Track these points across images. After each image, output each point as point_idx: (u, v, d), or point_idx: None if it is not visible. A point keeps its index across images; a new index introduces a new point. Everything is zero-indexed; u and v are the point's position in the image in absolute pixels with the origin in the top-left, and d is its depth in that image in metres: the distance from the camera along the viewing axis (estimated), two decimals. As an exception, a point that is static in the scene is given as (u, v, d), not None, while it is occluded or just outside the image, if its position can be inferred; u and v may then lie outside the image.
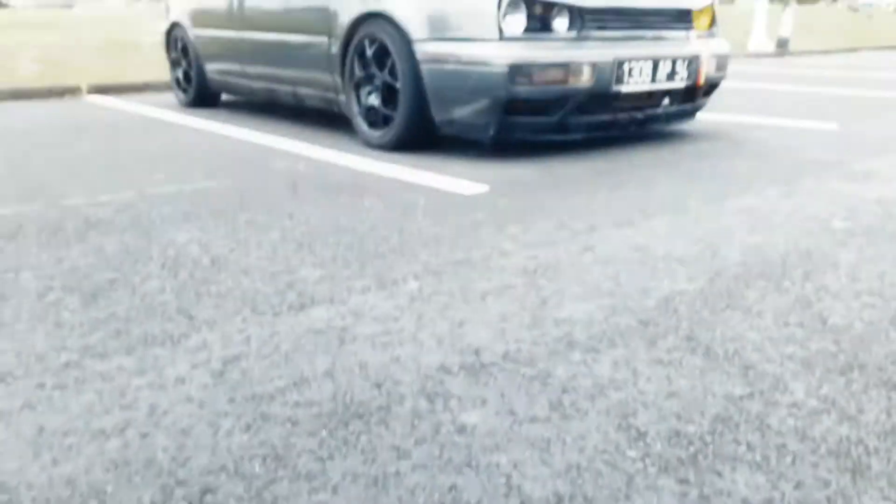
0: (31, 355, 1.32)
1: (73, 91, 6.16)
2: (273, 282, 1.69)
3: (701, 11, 3.54)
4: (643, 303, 1.55)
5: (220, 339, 1.38)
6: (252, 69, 4.33)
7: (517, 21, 2.89)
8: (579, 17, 3.03)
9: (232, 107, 5.07)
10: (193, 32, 4.87)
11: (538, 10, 2.94)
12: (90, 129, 4.16)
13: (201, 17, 4.79)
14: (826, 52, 14.87)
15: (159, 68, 6.95)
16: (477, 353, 1.32)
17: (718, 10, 3.71)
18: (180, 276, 1.74)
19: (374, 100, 3.37)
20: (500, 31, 2.86)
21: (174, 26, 5.14)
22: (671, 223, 2.16)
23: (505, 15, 2.87)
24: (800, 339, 1.38)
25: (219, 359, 1.30)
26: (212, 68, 4.79)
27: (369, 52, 3.30)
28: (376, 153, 3.28)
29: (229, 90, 4.83)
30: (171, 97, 5.44)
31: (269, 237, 2.04)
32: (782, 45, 14.37)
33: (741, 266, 1.78)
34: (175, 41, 5.15)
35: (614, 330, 1.42)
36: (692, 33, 3.46)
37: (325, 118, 4.31)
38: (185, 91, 5.14)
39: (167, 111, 4.88)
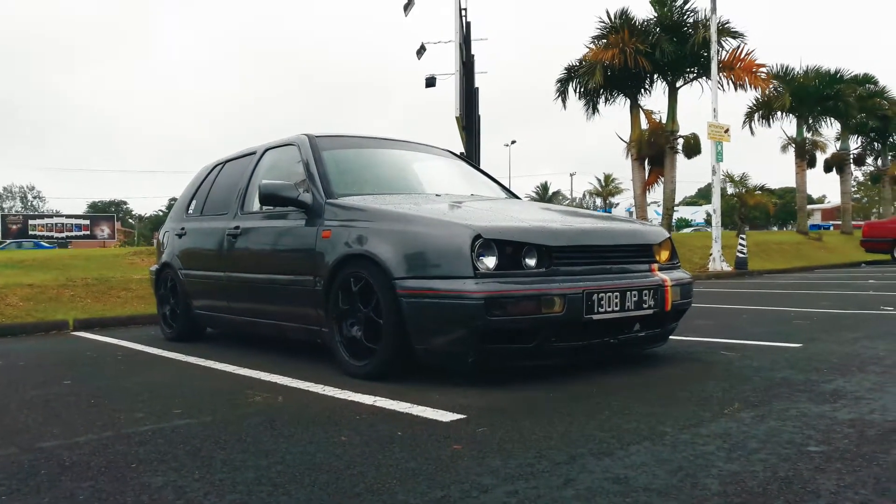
0: None
1: (59, 327, 6.26)
2: (247, 528, 1.63)
3: (660, 245, 3.84)
4: (626, 540, 1.51)
5: None
6: (238, 305, 4.60)
7: (489, 260, 3.13)
8: (547, 255, 3.25)
9: (215, 340, 5.17)
10: (183, 272, 5.26)
11: (508, 249, 3.18)
12: (74, 366, 4.20)
13: (192, 259, 5.21)
14: (783, 272, 15.70)
15: (144, 303, 7.19)
16: None
17: (683, 238, 4.03)
18: (150, 524, 1.68)
19: (356, 332, 3.52)
20: (475, 268, 3.09)
21: (164, 266, 5.57)
22: (649, 451, 2.17)
23: (478, 255, 3.11)
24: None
25: None
26: (199, 304, 5.07)
27: (354, 288, 3.50)
28: (355, 383, 3.32)
29: (215, 325, 5.14)
30: (155, 330, 5.56)
31: (245, 477, 2.01)
32: (741, 266, 15.21)
33: (722, 497, 1.77)
34: (164, 280, 5.57)
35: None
36: (654, 265, 3.72)
37: (304, 350, 4.40)
38: (171, 326, 5.43)
39: (151, 346, 4.96)
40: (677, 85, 20.16)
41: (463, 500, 1.79)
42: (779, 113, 24.46)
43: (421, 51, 17.04)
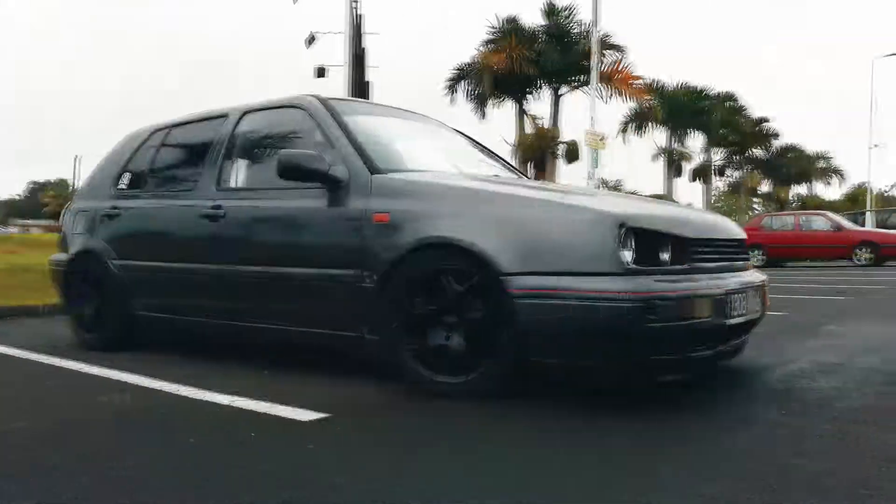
0: None
1: None
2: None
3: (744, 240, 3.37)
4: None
5: None
6: (217, 305, 3.65)
7: (627, 254, 2.55)
8: (685, 249, 2.74)
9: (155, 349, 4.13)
10: (119, 263, 4.10)
11: (647, 241, 2.62)
12: None
13: (136, 247, 4.10)
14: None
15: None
16: None
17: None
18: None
19: (442, 341, 2.79)
20: (621, 262, 2.51)
21: (83, 256, 4.36)
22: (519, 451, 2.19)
23: (622, 246, 2.54)
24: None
25: None
26: (146, 304, 3.98)
27: (440, 286, 2.79)
28: (212, 382, 3.13)
29: (168, 328, 4.04)
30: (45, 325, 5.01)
31: (79, 483, 1.84)
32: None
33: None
34: (83, 273, 4.35)
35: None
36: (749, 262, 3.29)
37: (239, 353, 4.15)
38: (93, 330, 4.24)
39: (49, 356, 3.90)
40: (561, 92, 20.96)
41: (312, 500, 1.74)
42: (651, 124, 26.03)
43: (311, 40, 16.64)
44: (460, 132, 4.51)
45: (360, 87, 13.87)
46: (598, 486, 1.85)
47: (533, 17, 22.88)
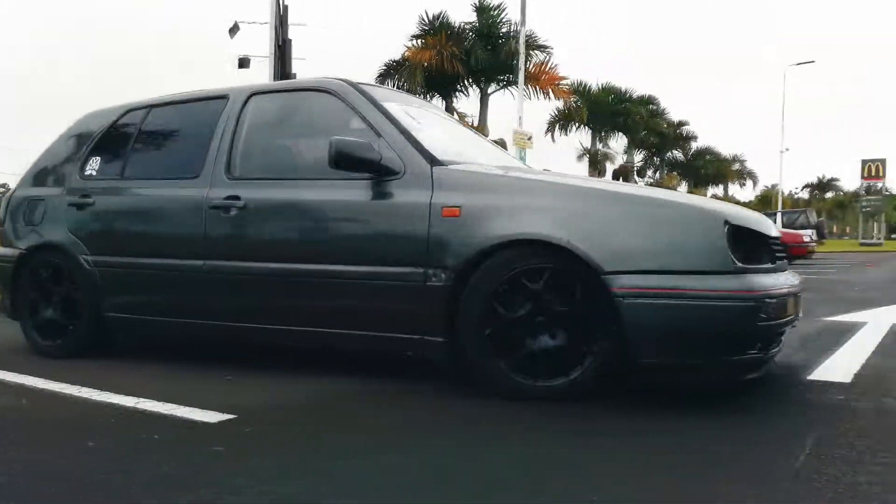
0: None
1: None
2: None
3: None
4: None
5: None
6: (228, 306, 3.29)
7: (737, 252, 2.53)
8: (769, 247, 2.81)
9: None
10: (92, 259, 3.61)
11: (746, 239, 2.63)
12: None
13: (116, 241, 3.63)
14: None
15: None
16: None
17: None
18: None
19: (531, 343, 2.65)
20: (732, 261, 2.49)
21: (42, 251, 3.82)
22: (414, 450, 2.22)
23: (730, 245, 2.51)
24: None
25: None
26: (122, 304, 3.56)
27: (529, 285, 2.64)
28: (115, 382, 3.03)
29: (149, 332, 3.77)
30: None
31: (-42, 494, 1.76)
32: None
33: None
34: (40, 270, 3.80)
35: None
36: None
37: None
38: (50, 337, 3.72)
39: None
40: (489, 91, 21.19)
41: (212, 503, 1.71)
42: (576, 124, 26.70)
43: (234, 29, 16.23)
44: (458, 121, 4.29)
45: (283, 80, 13.64)
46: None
47: (462, 16, 23.05)
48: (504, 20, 20.68)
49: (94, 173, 3.86)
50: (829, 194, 66.43)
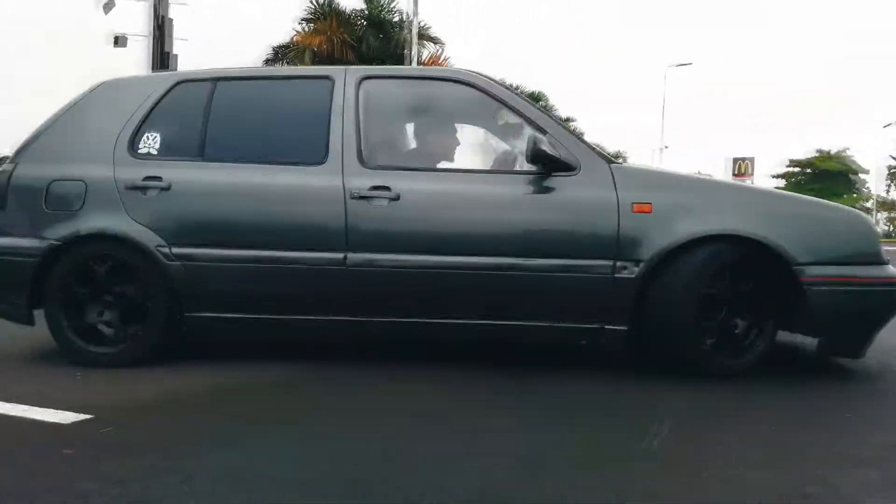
0: None
1: None
2: None
3: None
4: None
5: None
6: (384, 298, 3.14)
7: None
8: None
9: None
10: (178, 251, 3.15)
11: None
12: None
13: (218, 233, 3.19)
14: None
15: None
16: None
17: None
18: None
19: (734, 324, 3.01)
20: (883, 254, 3.08)
21: (85, 241, 3.22)
22: (275, 442, 2.22)
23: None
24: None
25: None
26: (217, 301, 3.18)
27: (725, 277, 2.98)
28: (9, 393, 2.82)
29: (248, 330, 3.34)
30: None
31: None
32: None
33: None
34: (91, 264, 3.20)
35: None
36: None
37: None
38: (109, 342, 3.20)
39: None
40: (381, 79, 21.02)
41: (54, 510, 1.65)
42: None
43: (109, 5, 15.24)
44: None
45: (162, 59, 12.99)
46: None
47: (353, 2, 22.76)
48: (395, 9, 20.60)
49: (153, 152, 3.34)
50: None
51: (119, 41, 15.34)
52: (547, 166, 3.05)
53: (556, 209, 3.10)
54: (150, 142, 3.36)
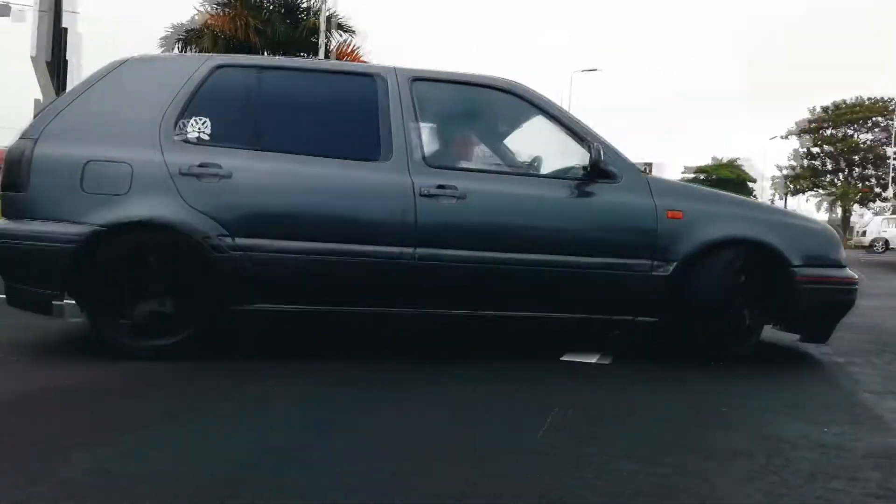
0: None
1: None
2: None
3: None
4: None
5: None
6: (451, 291, 3.31)
7: None
8: None
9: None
10: (241, 242, 3.05)
11: None
12: None
13: (292, 224, 3.17)
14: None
15: None
16: None
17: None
18: None
19: (741, 315, 3.50)
20: (843, 260, 3.78)
21: (133, 228, 3.05)
22: (159, 439, 2.12)
23: None
24: None
25: None
26: (280, 293, 3.17)
27: (739, 276, 3.47)
28: None
29: (304, 322, 3.38)
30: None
31: None
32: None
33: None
34: (141, 253, 3.06)
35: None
36: None
37: None
38: (158, 335, 3.04)
39: None
40: (290, 66, 20.50)
41: None
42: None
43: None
44: None
45: (55, 36, 12.07)
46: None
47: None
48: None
49: (204, 137, 3.20)
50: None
51: (2, 11, 14.21)
52: (599, 174, 3.40)
53: (604, 213, 3.48)
54: (200, 127, 3.22)
